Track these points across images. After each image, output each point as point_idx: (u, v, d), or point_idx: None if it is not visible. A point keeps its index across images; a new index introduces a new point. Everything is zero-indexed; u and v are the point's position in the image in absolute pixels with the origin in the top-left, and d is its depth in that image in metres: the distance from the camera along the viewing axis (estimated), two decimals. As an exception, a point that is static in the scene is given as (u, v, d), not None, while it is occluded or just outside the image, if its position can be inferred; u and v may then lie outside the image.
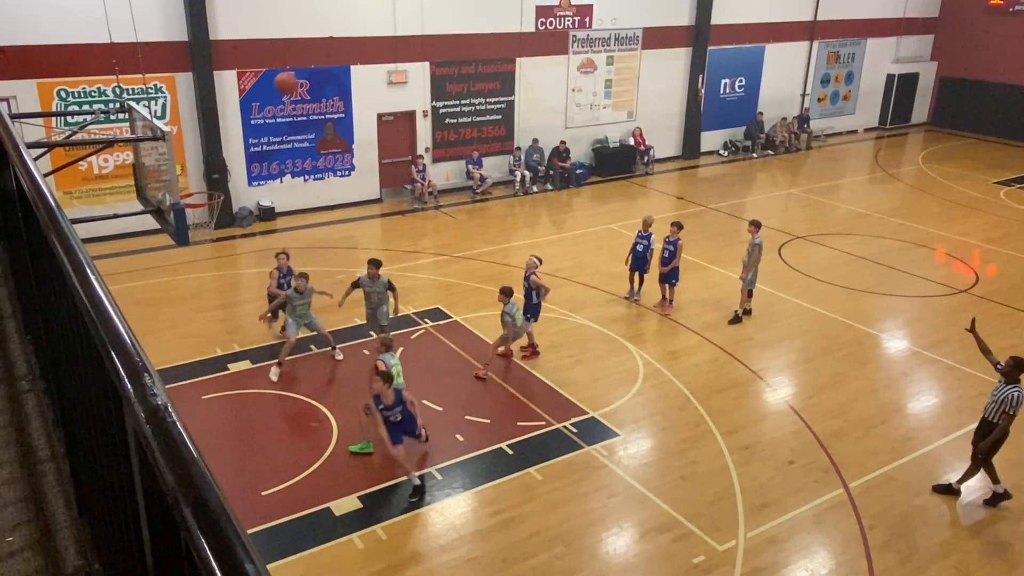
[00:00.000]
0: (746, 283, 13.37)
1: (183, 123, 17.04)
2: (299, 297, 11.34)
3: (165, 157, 8.77)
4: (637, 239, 13.87)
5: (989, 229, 18.53)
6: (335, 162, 19.20)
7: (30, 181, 2.75)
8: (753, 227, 13.24)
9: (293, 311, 11.45)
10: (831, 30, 26.81)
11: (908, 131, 29.60)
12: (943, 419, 10.70)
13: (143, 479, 1.49)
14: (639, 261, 13.82)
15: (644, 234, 13.74)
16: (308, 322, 11.65)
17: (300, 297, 11.34)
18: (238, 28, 17.12)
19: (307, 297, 11.39)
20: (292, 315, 11.48)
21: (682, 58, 23.96)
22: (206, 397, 10.85)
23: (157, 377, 1.48)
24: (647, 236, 13.70)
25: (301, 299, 11.34)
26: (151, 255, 15.66)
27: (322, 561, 7.89)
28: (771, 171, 24.34)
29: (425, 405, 10.57)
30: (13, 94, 14.93)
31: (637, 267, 13.93)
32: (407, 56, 19.27)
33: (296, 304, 11.38)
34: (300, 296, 11.34)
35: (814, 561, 8.08)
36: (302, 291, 11.32)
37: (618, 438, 10.05)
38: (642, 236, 13.77)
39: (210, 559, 1.07)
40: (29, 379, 3.55)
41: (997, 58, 27.65)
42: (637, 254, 13.80)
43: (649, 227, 13.75)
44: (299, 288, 11.30)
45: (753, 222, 13.35)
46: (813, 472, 9.42)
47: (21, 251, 3.59)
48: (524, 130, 21.63)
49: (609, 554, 8.16)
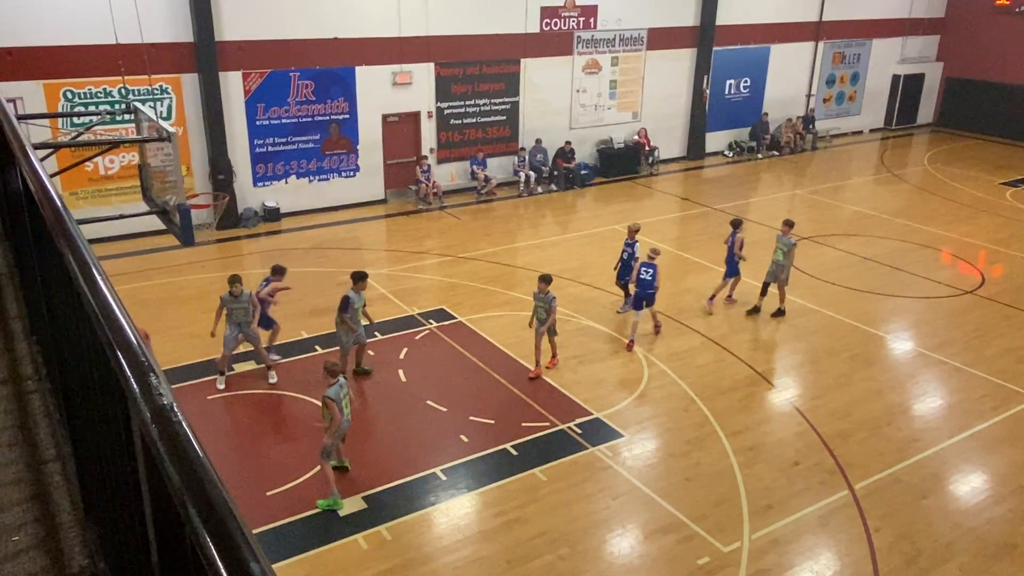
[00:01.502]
0: (782, 281, 13.44)
1: (188, 124, 17.08)
2: (233, 301, 10.81)
3: (171, 158, 8.79)
4: (624, 247, 13.62)
5: (995, 230, 18.47)
6: (340, 163, 19.23)
7: (36, 182, 2.76)
8: (787, 226, 13.35)
9: (230, 317, 10.88)
10: (836, 31, 26.76)
11: (914, 132, 29.52)
12: (949, 420, 10.67)
13: (149, 479, 1.49)
14: (625, 270, 13.46)
15: (630, 242, 13.49)
16: (247, 332, 10.98)
17: (235, 301, 10.80)
18: (243, 29, 17.16)
19: (243, 302, 10.79)
20: (229, 322, 10.90)
21: (687, 59, 23.94)
22: (211, 397, 10.87)
23: (163, 377, 1.49)
24: (632, 244, 13.42)
25: (237, 303, 10.78)
26: (156, 256, 15.71)
27: (327, 561, 7.90)
28: (776, 172, 24.29)
29: (429, 406, 10.58)
30: (20, 95, 14.98)
31: (621, 276, 13.61)
32: (412, 57, 19.29)
33: (232, 309, 10.81)
34: (235, 300, 10.81)
35: (819, 563, 8.06)
36: (237, 295, 10.80)
37: (622, 439, 10.04)
38: (628, 244, 13.52)
39: (215, 558, 1.07)
40: (35, 379, 3.56)
41: (1003, 58, 27.57)
42: (623, 263, 13.52)
43: (635, 235, 13.49)
44: (234, 292, 10.80)
45: (787, 221, 13.49)
46: (818, 473, 9.40)
47: (27, 251, 3.60)
48: (529, 131, 21.63)
49: (613, 555, 8.15)
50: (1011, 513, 8.77)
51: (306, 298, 14.04)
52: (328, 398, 8.59)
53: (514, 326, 12.78)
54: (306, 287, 14.58)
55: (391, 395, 11.04)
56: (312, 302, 13.87)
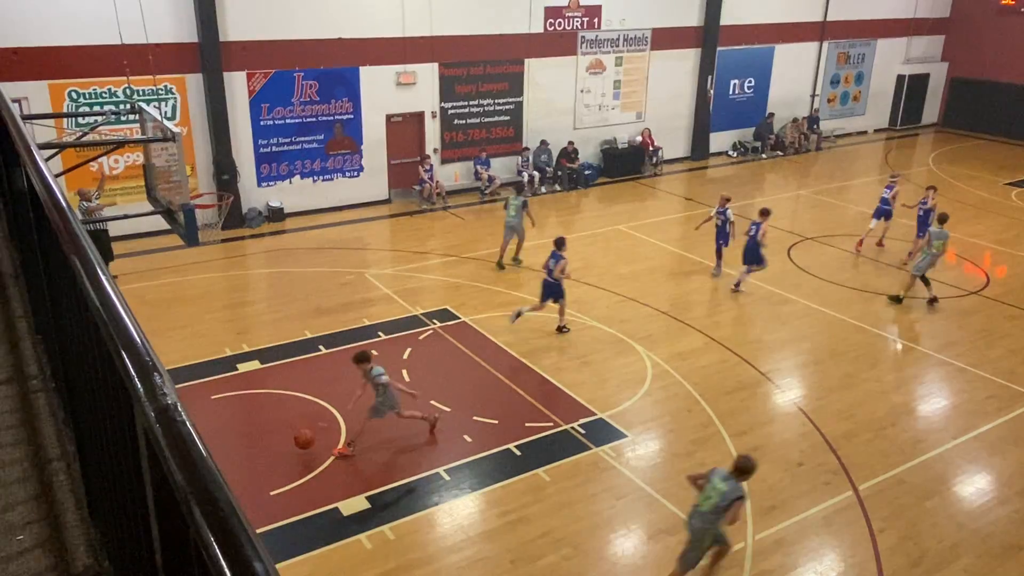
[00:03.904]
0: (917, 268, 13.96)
1: (193, 124, 17.11)
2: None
3: (175, 158, 8.82)
4: (716, 214, 15.08)
5: (1000, 230, 18.42)
6: (344, 163, 19.24)
7: (41, 182, 2.77)
8: (941, 222, 13.89)
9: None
10: (841, 31, 26.70)
11: (918, 132, 29.45)
12: (953, 422, 10.65)
13: (153, 478, 1.49)
14: (720, 235, 15.08)
15: (721, 210, 14.95)
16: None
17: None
18: (248, 29, 17.19)
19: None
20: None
21: (691, 59, 23.91)
22: (215, 397, 10.89)
23: (167, 376, 1.49)
24: (724, 211, 14.90)
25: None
26: (161, 255, 15.73)
27: (330, 561, 7.91)
28: (780, 172, 24.26)
29: (433, 405, 10.59)
30: (25, 95, 15.01)
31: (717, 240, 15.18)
32: (416, 57, 19.30)
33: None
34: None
35: (823, 563, 8.05)
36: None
37: (626, 439, 10.03)
38: (720, 212, 14.97)
39: (219, 557, 1.07)
40: (40, 378, 3.57)
41: (1008, 59, 27.49)
42: (717, 229, 15.08)
43: (726, 202, 14.97)
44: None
45: (942, 217, 14.05)
46: (822, 474, 9.38)
47: (32, 251, 3.61)
48: (532, 131, 21.63)
49: (617, 556, 8.14)
50: (1016, 514, 8.74)
51: (310, 298, 14.07)
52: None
53: (517, 326, 12.78)
54: (310, 287, 14.60)
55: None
56: (316, 302, 13.89)
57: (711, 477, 7.15)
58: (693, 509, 7.20)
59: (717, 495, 6.99)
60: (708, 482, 7.14)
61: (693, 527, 7.17)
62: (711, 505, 7.00)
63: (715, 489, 7.03)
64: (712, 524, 7.06)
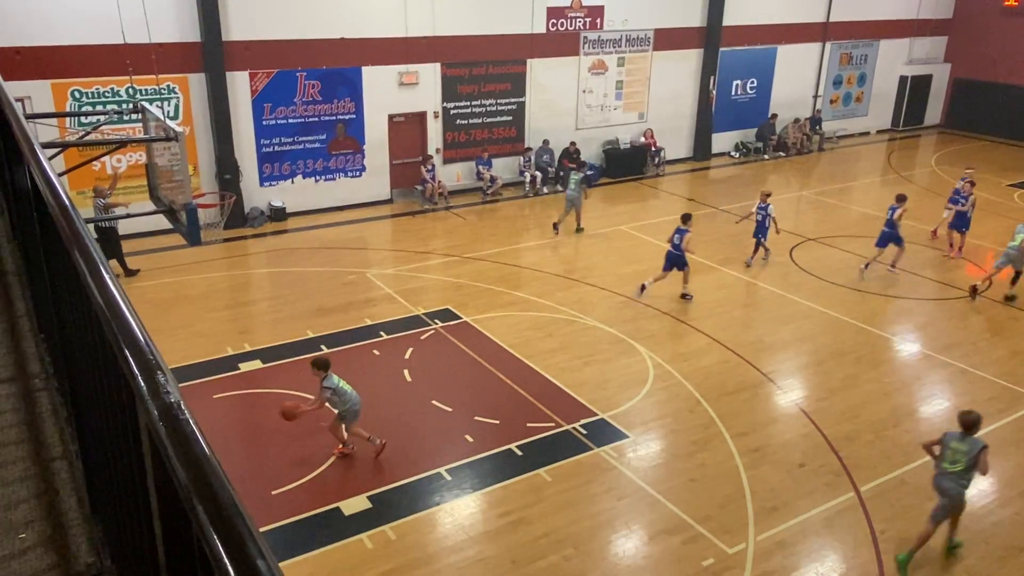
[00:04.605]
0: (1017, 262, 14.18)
1: (195, 123, 17.13)
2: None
3: (178, 157, 8.82)
4: (757, 210, 15.58)
5: (1003, 232, 18.34)
6: (346, 163, 19.26)
7: (44, 180, 2.77)
8: None
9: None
10: (844, 31, 26.68)
11: (921, 133, 29.42)
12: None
13: (156, 476, 1.49)
14: (759, 229, 15.59)
15: (762, 205, 15.44)
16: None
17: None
18: (250, 29, 17.20)
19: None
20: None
21: (693, 59, 23.90)
22: (217, 396, 10.90)
23: (170, 375, 1.49)
24: (765, 207, 15.41)
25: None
26: (163, 255, 15.75)
27: (331, 560, 7.91)
28: (783, 173, 24.23)
29: (435, 406, 10.59)
30: (28, 94, 15.03)
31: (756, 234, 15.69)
32: (418, 57, 19.31)
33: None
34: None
35: (824, 565, 8.04)
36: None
37: (627, 440, 10.03)
38: (761, 208, 15.44)
39: (222, 556, 1.07)
40: (42, 377, 3.58)
41: (1011, 60, 27.45)
42: (758, 224, 15.61)
43: (767, 198, 15.52)
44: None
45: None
46: (824, 475, 9.37)
47: (35, 250, 3.62)
48: (535, 131, 21.63)
49: (618, 556, 8.14)
50: (1018, 516, 8.73)
51: (312, 297, 14.08)
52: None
53: (519, 326, 12.78)
54: (312, 287, 14.61)
55: (396, 395, 11.04)
56: (318, 301, 13.90)
57: (946, 442, 7.73)
58: (941, 472, 7.74)
59: (963, 455, 7.58)
60: (946, 447, 7.72)
61: (946, 488, 7.70)
62: (962, 466, 7.58)
63: (957, 451, 7.62)
64: (967, 481, 7.65)
